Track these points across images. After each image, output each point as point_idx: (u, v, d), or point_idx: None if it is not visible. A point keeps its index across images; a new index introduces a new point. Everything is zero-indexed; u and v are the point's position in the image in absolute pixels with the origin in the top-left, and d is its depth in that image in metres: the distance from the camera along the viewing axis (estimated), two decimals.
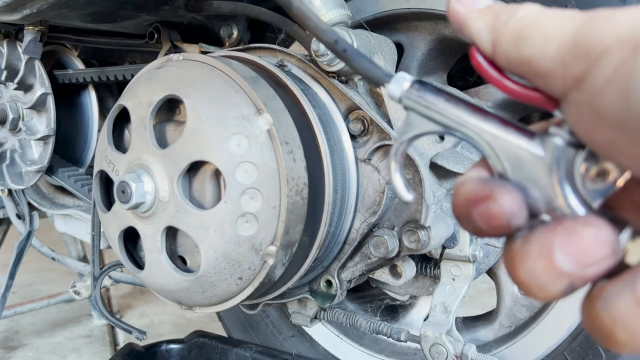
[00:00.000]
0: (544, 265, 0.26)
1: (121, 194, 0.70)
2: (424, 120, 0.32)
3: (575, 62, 0.25)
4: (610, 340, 0.25)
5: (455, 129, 0.31)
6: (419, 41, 0.87)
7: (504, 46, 0.29)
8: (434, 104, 0.32)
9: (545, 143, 0.28)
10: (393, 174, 0.33)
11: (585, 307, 0.27)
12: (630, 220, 0.28)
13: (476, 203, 0.28)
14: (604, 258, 0.26)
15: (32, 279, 2.21)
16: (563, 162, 0.28)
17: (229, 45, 0.94)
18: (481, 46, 0.30)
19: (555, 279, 0.26)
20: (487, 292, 1.93)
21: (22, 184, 1.19)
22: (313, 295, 0.85)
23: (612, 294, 0.25)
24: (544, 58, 0.27)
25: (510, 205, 0.27)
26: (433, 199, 0.73)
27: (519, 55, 0.28)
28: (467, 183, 0.30)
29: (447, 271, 0.82)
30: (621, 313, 0.25)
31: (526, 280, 0.27)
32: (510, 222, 0.27)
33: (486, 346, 0.93)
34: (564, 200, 0.27)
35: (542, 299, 0.27)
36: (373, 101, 0.80)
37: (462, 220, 0.29)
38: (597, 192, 0.27)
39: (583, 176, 0.27)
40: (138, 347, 1.08)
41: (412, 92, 0.33)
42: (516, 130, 0.29)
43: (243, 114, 0.66)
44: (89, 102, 1.22)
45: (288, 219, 0.67)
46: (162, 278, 0.73)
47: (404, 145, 0.33)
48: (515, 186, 0.28)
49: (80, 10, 0.89)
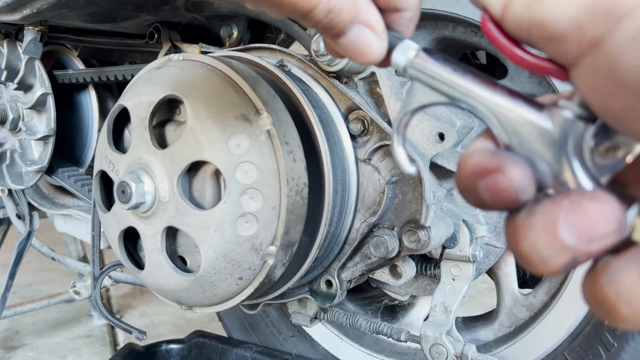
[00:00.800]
0: (547, 238, 0.26)
1: (121, 194, 0.70)
2: (429, 91, 0.31)
3: (594, 24, 0.25)
4: (612, 315, 0.25)
5: (462, 100, 0.30)
6: (419, 41, 0.87)
7: (517, 8, 0.28)
8: (440, 74, 0.31)
9: (554, 116, 0.28)
10: (396, 147, 0.32)
11: (588, 282, 0.26)
12: (638, 197, 0.27)
13: (483, 175, 0.27)
14: (609, 234, 0.25)
15: (32, 279, 2.21)
16: (572, 135, 0.27)
17: (229, 45, 0.94)
18: (491, 8, 0.29)
19: (558, 253, 0.25)
20: (487, 292, 1.92)
21: (22, 184, 1.19)
22: (313, 295, 0.85)
23: (618, 269, 0.25)
24: (560, 20, 0.26)
25: (519, 179, 0.27)
26: (433, 199, 0.73)
27: (532, 18, 0.27)
28: (473, 154, 0.29)
29: (447, 271, 0.82)
30: (626, 288, 0.24)
31: (528, 253, 0.26)
32: (518, 196, 0.27)
33: (486, 346, 0.93)
34: (571, 174, 0.27)
35: (542, 272, 0.27)
36: (373, 101, 0.80)
37: (467, 193, 0.29)
38: (606, 167, 0.27)
39: (592, 151, 0.27)
40: (138, 347, 1.08)
41: (418, 61, 0.32)
42: (525, 102, 0.28)
43: (243, 114, 0.66)
44: (89, 102, 1.22)
45: (288, 219, 0.67)
46: (162, 278, 0.73)
47: (407, 116, 0.32)
48: (524, 159, 0.27)
49: (80, 10, 0.89)
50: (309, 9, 0.32)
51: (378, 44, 0.34)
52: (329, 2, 0.32)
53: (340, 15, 0.33)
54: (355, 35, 0.34)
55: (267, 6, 0.33)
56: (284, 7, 0.32)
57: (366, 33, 0.34)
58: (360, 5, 0.34)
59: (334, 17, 0.33)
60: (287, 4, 0.32)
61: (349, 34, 0.34)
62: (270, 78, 0.75)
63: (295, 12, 0.32)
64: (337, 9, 0.33)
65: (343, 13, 0.33)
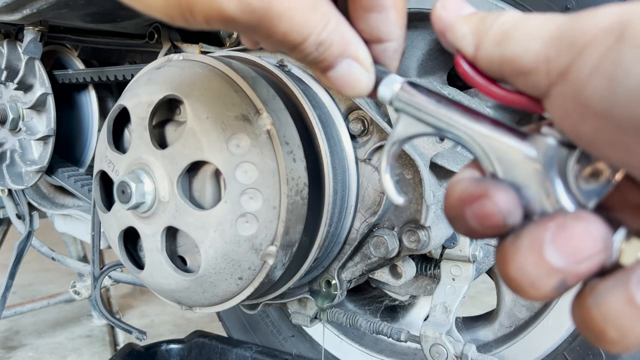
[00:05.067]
0: (534, 260, 0.26)
1: (121, 194, 0.70)
2: (415, 122, 0.32)
3: (560, 56, 0.26)
4: (600, 337, 0.25)
5: (447, 130, 0.31)
6: (419, 41, 0.87)
7: (488, 48, 0.29)
8: (425, 106, 0.32)
9: (537, 143, 0.28)
10: (383, 176, 0.33)
11: (576, 304, 0.27)
12: (624, 221, 0.28)
13: (470, 202, 0.28)
14: (596, 253, 0.25)
15: (32, 279, 2.21)
16: (556, 162, 0.27)
17: (229, 45, 0.94)
18: (464, 49, 0.30)
19: (547, 275, 0.26)
20: (487, 292, 1.93)
21: (22, 184, 1.19)
22: (313, 295, 0.85)
23: (604, 291, 0.25)
24: (527, 55, 0.27)
25: (505, 202, 0.27)
26: (433, 199, 0.73)
27: (502, 55, 0.28)
28: (459, 183, 0.29)
29: (447, 271, 0.82)
30: (612, 310, 0.24)
31: (517, 277, 0.26)
32: (505, 220, 0.27)
33: (486, 346, 0.93)
34: (557, 200, 0.27)
35: (533, 297, 0.26)
36: (373, 101, 0.80)
37: (455, 221, 0.29)
38: (591, 192, 0.27)
39: (576, 176, 0.27)
40: (138, 347, 1.08)
41: (403, 95, 0.33)
42: (508, 131, 0.29)
43: (243, 114, 0.66)
44: (89, 102, 1.22)
45: (288, 219, 0.67)
46: (162, 278, 0.73)
47: (395, 147, 0.33)
48: (510, 185, 0.28)
49: (80, 10, 0.89)
50: (300, 41, 0.32)
51: (366, 77, 0.35)
52: (320, 35, 0.32)
53: (330, 49, 0.33)
54: (344, 69, 0.35)
55: (259, 37, 0.33)
56: (275, 39, 0.32)
57: (355, 67, 0.34)
58: (349, 39, 0.34)
59: (324, 51, 0.33)
60: (277, 36, 0.32)
61: (338, 68, 0.35)
62: (270, 78, 0.75)
63: (286, 43, 0.32)
64: (327, 42, 0.33)
65: (333, 47, 0.33)
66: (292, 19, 0.31)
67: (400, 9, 0.36)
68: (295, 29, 0.31)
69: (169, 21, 0.32)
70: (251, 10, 0.30)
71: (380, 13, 0.35)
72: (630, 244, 0.27)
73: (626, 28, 0.23)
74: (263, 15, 0.30)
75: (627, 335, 0.24)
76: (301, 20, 0.31)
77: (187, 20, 0.31)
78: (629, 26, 0.23)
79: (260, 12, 0.30)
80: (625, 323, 0.24)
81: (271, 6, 0.30)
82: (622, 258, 0.26)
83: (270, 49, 0.37)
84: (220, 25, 0.31)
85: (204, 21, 0.31)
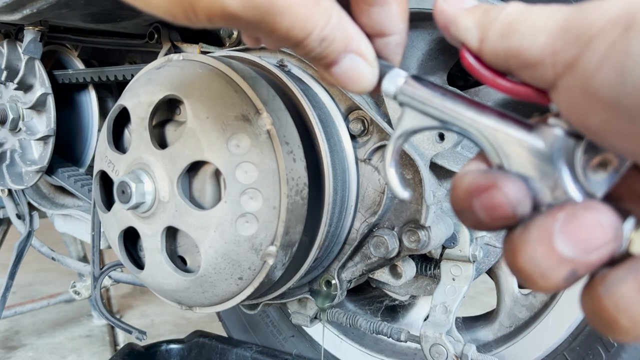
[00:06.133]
0: (544, 251, 0.25)
1: (121, 194, 0.70)
2: (419, 116, 0.32)
3: (566, 48, 0.26)
4: (612, 327, 0.25)
5: (452, 123, 0.31)
6: (419, 41, 0.87)
7: (492, 40, 0.29)
8: (430, 99, 0.31)
9: (544, 134, 0.28)
10: (388, 171, 0.33)
11: (586, 294, 0.26)
12: (632, 211, 0.28)
13: (478, 193, 0.28)
14: (606, 243, 0.25)
15: (32, 279, 2.21)
16: (563, 152, 0.27)
17: (229, 45, 0.94)
18: (468, 43, 0.30)
19: (557, 266, 0.25)
20: (487, 292, 1.93)
21: (22, 184, 1.19)
22: (313, 295, 0.85)
23: (616, 280, 0.25)
24: (533, 47, 0.27)
25: (514, 193, 0.27)
26: (433, 199, 0.73)
27: (507, 48, 0.28)
28: (467, 175, 0.29)
29: (447, 271, 0.82)
30: (624, 299, 0.24)
31: (527, 268, 0.26)
32: (515, 211, 0.27)
33: (486, 346, 0.93)
34: (565, 191, 0.27)
35: (544, 288, 0.26)
36: (373, 101, 0.80)
37: (463, 214, 0.29)
38: (599, 182, 0.27)
39: (584, 166, 0.27)
40: (138, 347, 1.08)
41: (407, 88, 0.32)
42: (514, 122, 0.29)
43: (243, 114, 0.66)
44: (89, 102, 1.22)
45: (288, 219, 0.67)
46: (162, 278, 0.73)
47: (399, 141, 0.33)
48: (518, 176, 0.28)
49: (80, 10, 0.89)
50: (303, 37, 0.32)
51: (370, 72, 0.34)
52: (323, 30, 0.32)
53: (333, 45, 0.33)
54: (347, 65, 0.34)
55: (262, 34, 0.33)
56: (277, 35, 0.32)
57: (358, 62, 0.34)
58: (352, 34, 0.34)
59: (327, 46, 0.33)
60: (280, 32, 0.31)
61: (342, 63, 0.34)
62: (270, 78, 0.75)
63: (289, 40, 0.32)
64: (330, 37, 0.33)
65: (336, 42, 0.33)
66: (295, 14, 0.31)
67: (402, 2, 0.36)
68: (298, 24, 0.31)
69: (171, 20, 0.32)
70: (254, 7, 0.30)
71: (382, 7, 0.35)
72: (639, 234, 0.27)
73: (634, 18, 0.23)
74: (266, 12, 0.30)
75: (639, 324, 0.24)
76: (304, 15, 0.31)
77: (190, 19, 0.31)
78: (636, 16, 0.23)
79: (263, 8, 0.30)
80: (638, 311, 0.24)
81: (274, 2, 0.30)
82: (632, 247, 0.26)
83: (273, 46, 0.37)
84: (222, 22, 0.31)
85: (206, 19, 0.31)
